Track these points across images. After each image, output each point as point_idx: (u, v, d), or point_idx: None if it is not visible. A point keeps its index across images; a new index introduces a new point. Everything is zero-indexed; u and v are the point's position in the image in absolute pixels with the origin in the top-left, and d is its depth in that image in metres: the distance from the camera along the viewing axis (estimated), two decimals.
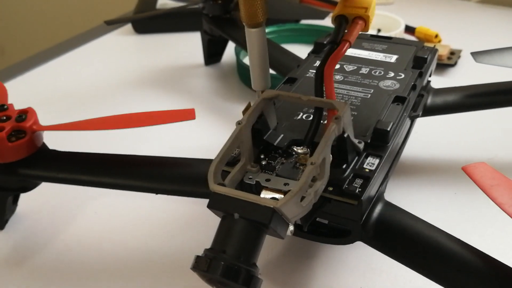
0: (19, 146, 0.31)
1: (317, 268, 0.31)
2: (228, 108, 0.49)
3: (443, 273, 0.25)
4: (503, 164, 0.40)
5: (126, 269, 0.32)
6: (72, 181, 0.32)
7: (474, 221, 0.34)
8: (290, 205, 0.22)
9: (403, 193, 0.37)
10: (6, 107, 0.32)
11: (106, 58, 0.60)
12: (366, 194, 0.25)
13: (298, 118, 0.30)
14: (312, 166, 0.23)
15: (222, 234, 0.23)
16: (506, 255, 0.31)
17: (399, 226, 0.27)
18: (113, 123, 0.32)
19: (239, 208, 0.22)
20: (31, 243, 0.34)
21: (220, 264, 0.22)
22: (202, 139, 0.44)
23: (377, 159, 0.27)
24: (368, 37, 0.39)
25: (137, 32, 0.65)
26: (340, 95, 0.32)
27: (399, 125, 0.30)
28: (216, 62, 0.57)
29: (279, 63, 0.43)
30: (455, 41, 0.57)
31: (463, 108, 0.38)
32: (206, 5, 0.51)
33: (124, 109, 0.33)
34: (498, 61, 0.37)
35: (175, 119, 0.32)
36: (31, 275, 0.32)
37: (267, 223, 0.22)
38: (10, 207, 0.35)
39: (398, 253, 0.26)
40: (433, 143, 0.42)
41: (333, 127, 0.24)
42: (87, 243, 0.34)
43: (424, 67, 0.35)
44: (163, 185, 0.31)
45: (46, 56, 0.60)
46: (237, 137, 0.25)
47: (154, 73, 0.56)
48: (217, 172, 0.24)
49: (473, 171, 0.25)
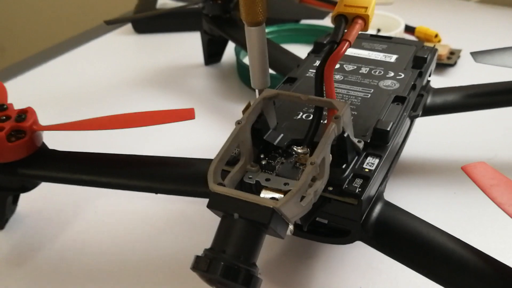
0: (18, 146, 0.31)
1: (317, 268, 0.31)
2: (228, 108, 0.49)
3: (443, 273, 0.25)
4: (503, 164, 0.40)
5: (126, 269, 0.32)
6: (72, 181, 0.32)
7: (474, 221, 0.34)
8: (289, 205, 0.22)
9: (403, 193, 0.37)
10: (6, 107, 0.32)
11: (106, 58, 0.60)
12: (366, 194, 0.25)
13: (298, 118, 0.30)
14: (312, 166, 0.23)
15: (221, 234, 0.23)
16: (506, 255, 0.31)
17: (399, 226, 0.27)
18: (113, 123, 0.32)
19: (239, 208, 0.22)
20: (31, 243, 0.34)
21: (220, 264, 0.22)
22: (202, 139, 0.44)
23: (377, 159, 0.27)
24: (368, 37, 0.39)
25: (137, 32, 0.66)
26: (340, 94, 0.32)
27: (399, 125, 0.30)
28: (216, 62, 0.57)
29: (279, 63, 0.43)
30: (455, 41, 0.57)
31: (463, 108, 0.38)
32: (206, 5, 0.51)
33: (124, 109, 0.33)
34: (498, 61, 0.37)
35: (175, 119, 0.32)
36: (31, 275, 0.32)
37: (267, 223, 0.22)
38: (10, 207, 0.35)
39: (397, 253, 0.26)
40: (433, 143, 0.42)
41: (333, 127, 0.24)
42: (87, 243, 0.34)
43: (424, 67, 0.35)
44: (163, 185, 0.31)
45: (46, 56, 0.60)
46: (236, 137, 0.25)
47: (154, 73, 0.56)
48: (217, 172, 0.24)
49: (472, 171, 0.25)
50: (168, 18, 0.64)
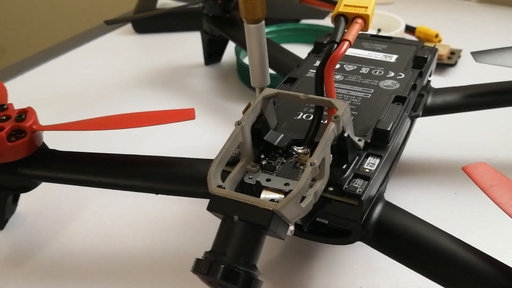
0: (18, 146, 0.31)
1: (317, 268, 0.31)
2: (228, 108, 0.49)
3: (443, 273, 0.25)
4: (503, 164, 0.40)
5: (126, 269, 0.32)
6: (72, 181, 0.32)
7: (474, 221, 0.34)
8: (289, 207, 0.22)
9: (403, 193, 0.37)
10: (6, 107, 0.32)
11: (106, 58, 0.60)
12: (367, 194, 0.25)
13: (298, 118, 0.30)
14: (312, 167, 0.23)
15: (222, 237, 0.23)
16: (506, 255, 0.31)
17: (399, 226, 0.27)
18: (113, 123, 0.32)
19: (239, 210, 0.22)
20: (31, 243, 0.34)
21: (220, 267, 0.22)
22: (202, 139, 0.44)
23: (377, 159, 0.27)
24: (368, 37, 0.39)
25: (137, 32, 0.66)
26: (340, 94, 0.32)
27: (399, 125, 0.30)
28: (216, 62, 0.57)
29: (279, 63, 0.43)
30: (455, 41, 0.57)
31: (463, 108, 0.38)
32: (206, 4, 0.50)
33: (124, 109, 0.33)
34: (498, 61, 0.37)
35: (175, 119, 0.32)
36: (31, 275, 0.32)
37: (267, 226, 0.22)
38: (10, 207, 0.35)
39: (398, 253, 0.26)
40: (433, 143, 0.42)
41: (333, 127, 0.24)
42: (87, 243, 0.34)
43: (424, 67, 0.35)
44: (163, 185, 0.31)
45: (46, 56, 0.60)
46: (236, 138, 0.25)
47: (154, 73, 0.56)
48: (217, 173, 0.24)
49: (473, 171, 0.25)
50: (168, 18, 0.64)
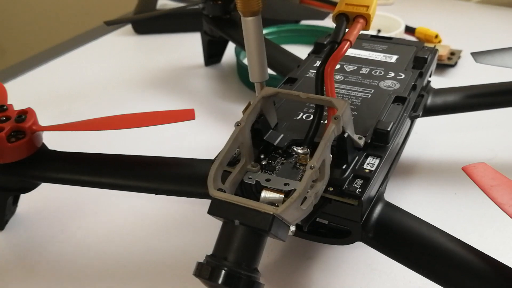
0: (18, 147, 0.31)
1: (317, 269, 0.31)
2: (228, 108, 0.49)
3: (443, 273, 0.25)
4: (503, 164, 0.40)
5: (126, 269, 0.32)
6: (72, 181, 0.32)
7: (474, 221, 0.34)
8: (290, 210, 0.22)
9: (403, 193, 0.37)
10: (6, 108, 0.32)
11: (106, 58, 0.60)
12: (366, 194, 0.25)
13: (298, 118, 0.30)
14: (312, 170, 0.23)
15: (223, 241, 0.23)
16: (506, 255, 0.31)
17: (399, 226, 0.27)
18: (113, 123, 0.32)
19: (239, 214, 0.22)
20: (31, 244, 0.34)
21: (221, 272, 0.22)
22: (202, 139, 0.44)
23: (377, 160, 0.27)
24: (368, 38, 0.40)
25: (137, 32, 0.65)
26: (340, 95, 0.32)
27: (399, 125, 0.30)
28: (216, 63, 0.57)
29: (279, 64, 0.43)
30: (455, 41, 0.57)
31: (463, 108, 0.38)
32: (206, 5, 0.50)
33: (124, 109, 0.33)
34: (498, 62, 0.37)
35: (175, 119, 0.32)
36: (31, 276, 0.32)
37: (267, 230, 0.22)
38: (10, 207, 0.35)
39: (398, 254, 0.26)
40: (433, 143, 0.42)
41: (333, 128, 0.24)
42: (87, 244, 0.34)
43: (424, 67, 0.35)
44: (163, 185, 0.31)
45: (46, 56, 0.60)
46: (236, 139, 0.25)
47: (154, 74, 0.56)
48: (217, 176, 0.24)
49: (473, 171, 0.25)
50: (168, 19, 0.64)
